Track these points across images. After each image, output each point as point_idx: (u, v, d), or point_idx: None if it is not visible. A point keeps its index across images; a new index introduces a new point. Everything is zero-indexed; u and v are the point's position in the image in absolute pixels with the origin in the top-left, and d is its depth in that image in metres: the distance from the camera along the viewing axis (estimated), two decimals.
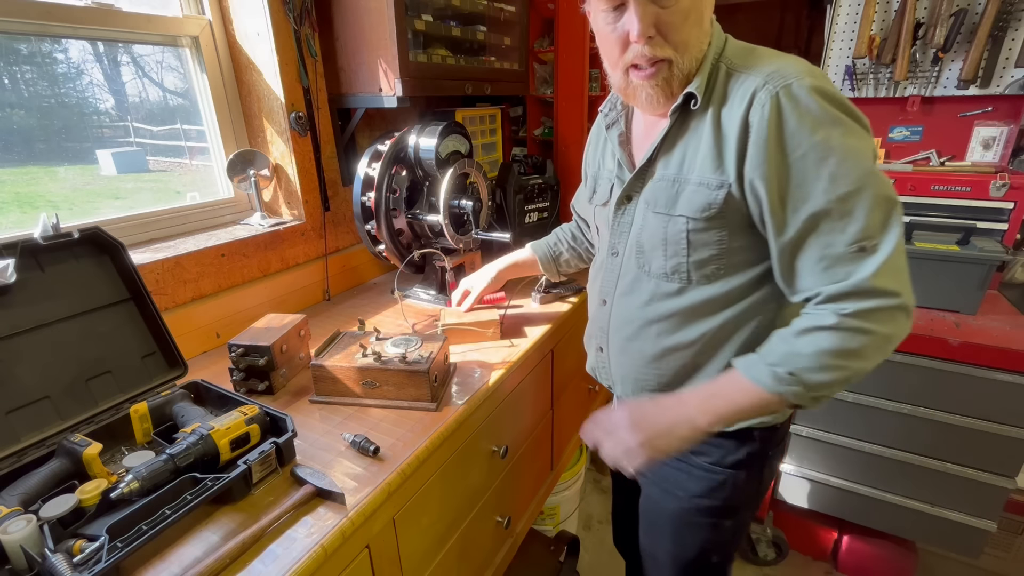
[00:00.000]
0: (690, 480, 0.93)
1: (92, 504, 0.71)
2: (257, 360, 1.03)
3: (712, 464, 0.90)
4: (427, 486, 0.93)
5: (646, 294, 0.86)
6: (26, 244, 0.85)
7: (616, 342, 0.93)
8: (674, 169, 0.79)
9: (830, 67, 1.73)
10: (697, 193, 0.76)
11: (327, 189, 1.52)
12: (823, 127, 0.67)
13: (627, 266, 0.89)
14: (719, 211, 0.75)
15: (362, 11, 1.32)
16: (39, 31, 1.08)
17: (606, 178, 0.94)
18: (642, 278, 0.86)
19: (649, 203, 0.83)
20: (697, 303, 0.82)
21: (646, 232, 0.83)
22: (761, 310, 0.81)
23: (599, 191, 0.96)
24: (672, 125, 0.79)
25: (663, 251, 0.81)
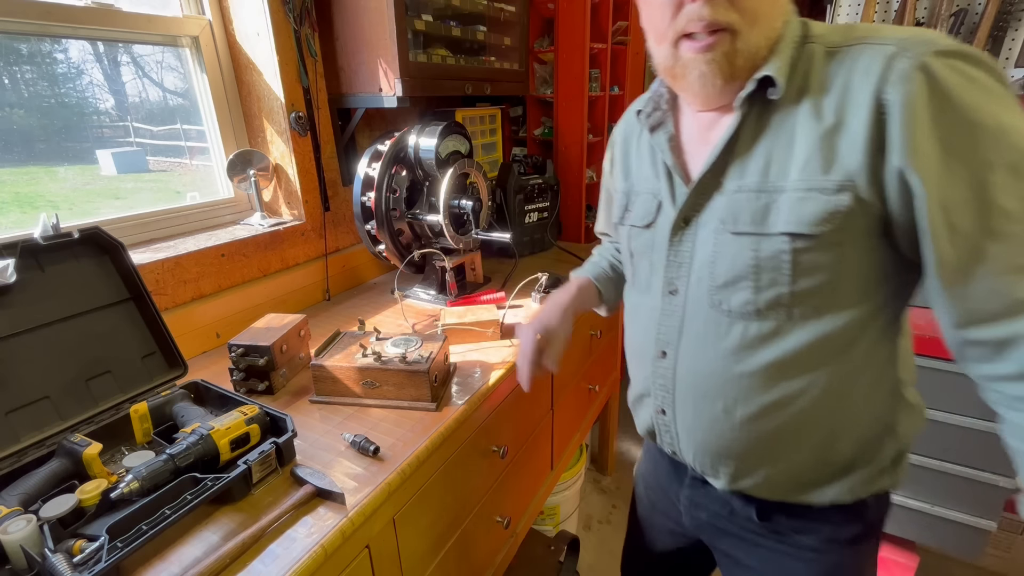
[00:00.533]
0: (797, 565, 0.76)
1: (92, 504, 0.71)
2: (257, 360, 1.03)
3: (820, 543, 0.74)
4: (427, 486, 0.93)
5: (729, 340, 0.67)
6: (26, 244, 0.85)
7: (688, 403, 0.73)
8: (755, 177, 0.62)
9: None
10: (806, 202, 0.58)
11: (327, 189, 1.52)
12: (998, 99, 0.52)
13: (694, 306, 0.69)
14: (842, 222, 0.58)
15: (362, 11, 1.32)
16: (39, 31, 1.08)
17: (647, 194, 0.76)
18: (720, 320, 0.67)
19: (725, 222, 0.65)
20: (801, 346, 0.63)
21: (723, 260, 0.65)
22: (876, 351, 0.65)
23: (636, 210, 0.78)
24: (743, 120, 0.63)
25: (752, 282, 0.63)
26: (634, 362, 0.83)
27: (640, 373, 0.81)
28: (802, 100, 0.60)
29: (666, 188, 0.73)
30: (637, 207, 0.78)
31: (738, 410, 0.68)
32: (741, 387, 0.67)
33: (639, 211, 0.77)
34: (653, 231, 0.74)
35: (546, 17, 2.09)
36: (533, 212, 1.88)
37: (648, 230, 0.75)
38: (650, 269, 0.76)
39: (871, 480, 0.70)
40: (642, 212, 0.77)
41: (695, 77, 0.62)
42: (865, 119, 0.55)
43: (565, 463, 1.71)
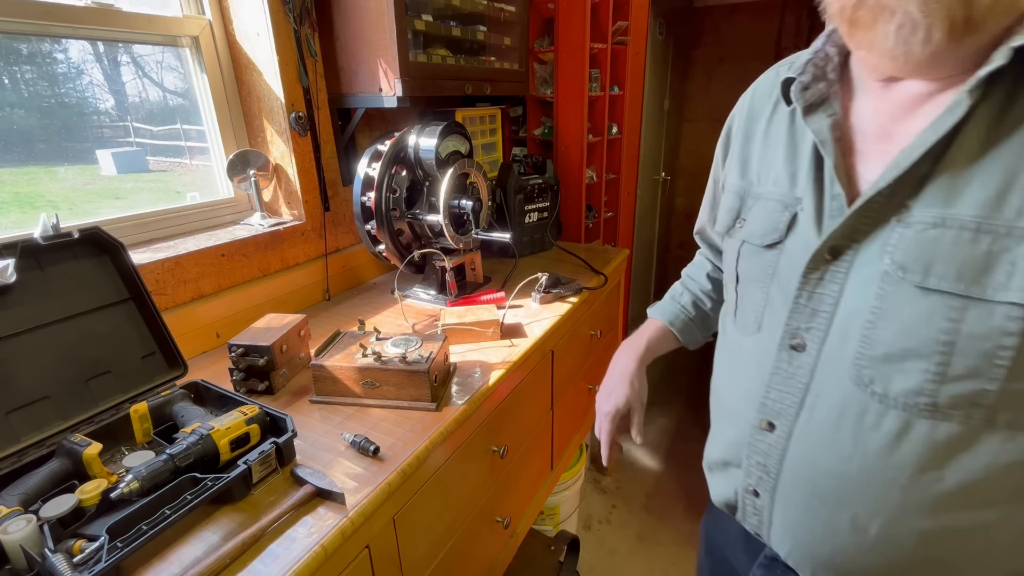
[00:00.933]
0: None
1: (92, 504, 0.71)
2: (257, 360, 1.03)
3: None
4: (427, 486, 0.93)
5: (878, 437, 0.48)
6: (26, 244, 0.85)
7: (796, 498, 0.55)
8: (977, 207, 0.41)
9: None
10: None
11: (327, 189, 1.52)
12: None
13: (829, 376, 0.51)
14: None
15: (362, 11, 1.32)
16: (39, 31, 1.08)
17: (775, 202, 0.56)
18: (870, 406, 0.48)
19: (907, 268, 0.44)
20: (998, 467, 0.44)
21: (890, 322, 0.46)
22: None
23: (754, 221, 0.58)
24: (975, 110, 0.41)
25: (937, 362, 0.44)
26: (722, 417, 0.66)
27: (728, 434, 0.63)
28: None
29: (811, 198, 0.52)
30: (756, 217, 0.58)
31: (874, 527, 0.50)
32: (886, 501, 0.48)
33: (759, 223, 0.57)
34: (778, 255, 0.54)
35: (546, 17, 2.10)
36: (533, 212, 1.88)
37: (770, 251, 0.55)
38: (764, 304, 0.57)
39: None
40: (764, 226, 0.56)
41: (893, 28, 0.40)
42: None
43: (565, 463, 1.71)
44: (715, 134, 0.69)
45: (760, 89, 0.64)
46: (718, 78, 3.21)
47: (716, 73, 3.22)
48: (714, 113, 3.23)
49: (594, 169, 2.33)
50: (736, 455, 0.62)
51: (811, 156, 0.53)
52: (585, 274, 1.66)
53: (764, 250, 0.57)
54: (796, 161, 0.55)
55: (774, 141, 0.58)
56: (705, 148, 3.31)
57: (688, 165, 3.45)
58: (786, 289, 0.53)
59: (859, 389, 0.48)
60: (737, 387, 0.62)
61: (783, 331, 0.54)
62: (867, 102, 0.51)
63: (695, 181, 3.48)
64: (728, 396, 0.65)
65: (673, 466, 2.45)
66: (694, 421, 2.77)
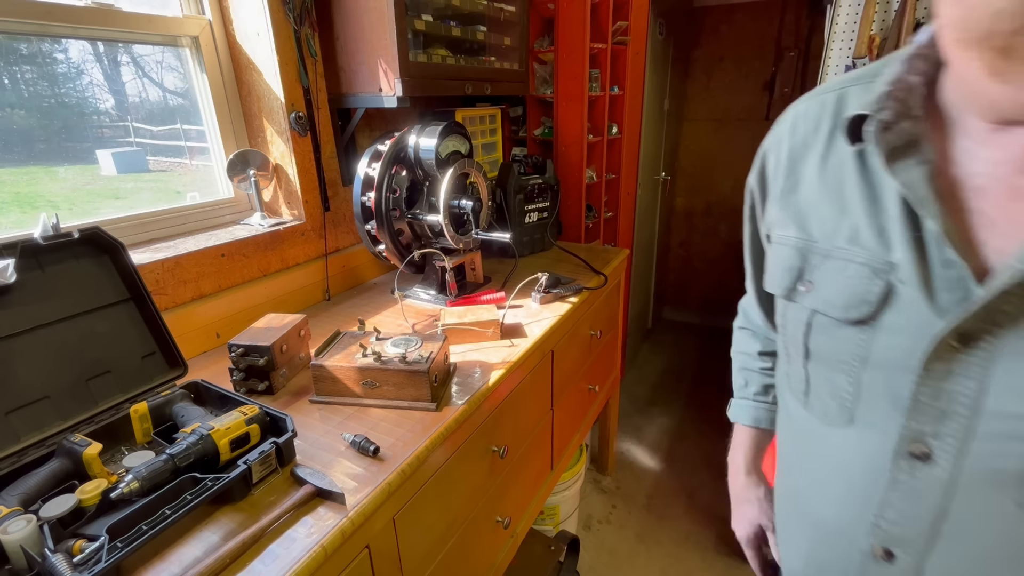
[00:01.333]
0: None
1: (92, 504, 0.71)
2: (257, 360, 1.03)
3: None
4: (427, 486, 0.93)
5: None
6: (26, 244, 0.85)
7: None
8: None
9: (830, 67, 1.72)
10: None
11: (327, 189, 1.52)
12: None
13: (973, 494, 0.40)
14: None
15: (362, 11, 1.32)
16: (39, 31, 1.08)
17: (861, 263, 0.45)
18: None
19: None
20: None
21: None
22: None
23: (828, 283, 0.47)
24: None
25: None
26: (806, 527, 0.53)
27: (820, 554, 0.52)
28: None
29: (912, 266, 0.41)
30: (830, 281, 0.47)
31: None
32: None
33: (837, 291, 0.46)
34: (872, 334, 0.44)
35: (546, 17, 2.10)
36: (533, 212, 1.88)
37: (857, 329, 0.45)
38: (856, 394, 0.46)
39: None
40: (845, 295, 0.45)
41: None
42: None
43: (565, 463, 1.71)
44: (715, 134, 0.61)
45: (804, 120, 0.51)
46: (718, 78, 3.22)
47: (716, 73, 3.22)
48: (714, 113, 3.23)
49: (594, 169, 2.33)
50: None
51: (901, 211, 0.42)
52: (585, 274, 1.66)
53: (848, 326, 0.45)
54: (881, 216, 0.43)
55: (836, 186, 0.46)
56: (705, 148, 3.31)
57: (688, 165, 3.45)
58: (892, 381, 0.43)
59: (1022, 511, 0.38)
60: (829, 496, 0.49)
61: (899, 435, 0.42)
62: (975, 148, 0.40)
63: (695, 181, 3.48)
64: (816, 505, 0.51)
65: (673, 466, 2.45)
66: (694, 421, 2.77)
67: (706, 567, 1.86)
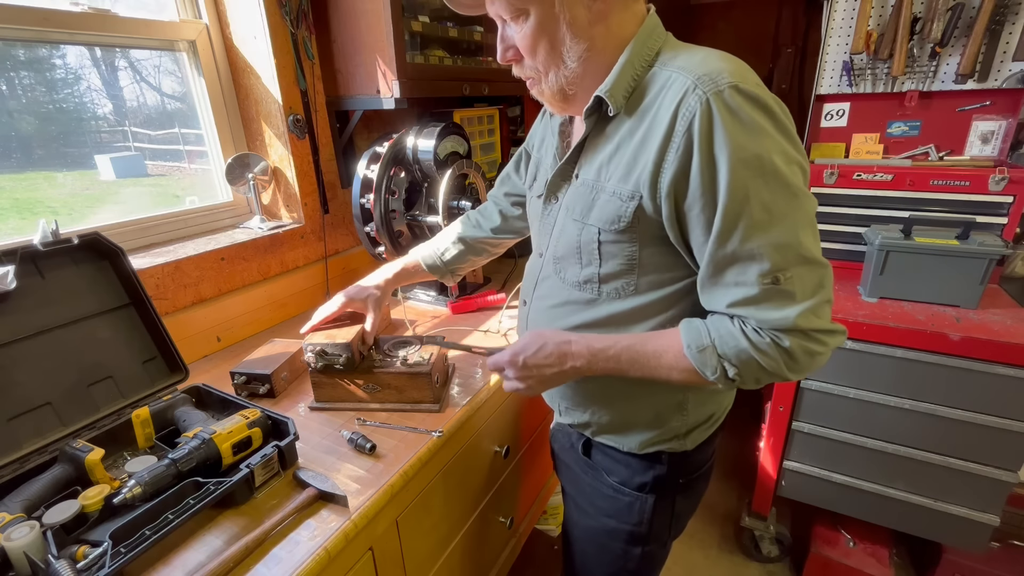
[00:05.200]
0: (601, 498, 0.90)
1: (95, 510, 0.71)
2: (258, 388, 1.04)
3: (619, 484, 0.86)
4: (430, 487, 0.93)
5: (559, 301, 0.81)
6: (26, 250, 0.85)
7: None
8: (593, 175, 0.73)
9: (827, 63, 1.72)
10: (609, 203, 0.70)
11: (326, 191, 1.52)
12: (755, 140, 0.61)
13: (546, 270, 0.83)
14: (629, 224, 0.69)
15: (359, 13, 1.32)
16: (36, 37, 1.08)
17: (544, 169, 0.86)
18: (557, 285, 0.81)
19: (569, 209, 0.77)
20: (607, 316, 0.76)
21: (563, 238, 0.78)
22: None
23: (538, 180, 0.88)
24: (592, 129, 0.74)
25: (577, 260, 0.76)
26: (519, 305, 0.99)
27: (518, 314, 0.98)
28: (631, 115, 0.69)
29: (552, 165, 0.83)
30: (539, 178, 0.88)
31: None
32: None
33: (538, 182, 0.87)
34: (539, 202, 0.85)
35: None
36: None
37: (537, 201, 0.86)
38: (533, 233, 0.90)
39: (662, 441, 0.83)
40: (539, 184, 0.86)
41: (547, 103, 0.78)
42: (659, 142, 0.64)
43: None
44: None
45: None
46: None
47: None
48: None
49: None
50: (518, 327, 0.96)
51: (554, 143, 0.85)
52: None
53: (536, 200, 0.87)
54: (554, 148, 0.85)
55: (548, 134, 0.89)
56: None
57: None
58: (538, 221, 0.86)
59: (556, 276, 0.81)
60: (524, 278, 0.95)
61: (535, 245, 0.88)
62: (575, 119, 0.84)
63: None
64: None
65: None
66: None
67: (710, 564, 1.86)
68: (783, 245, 0.62)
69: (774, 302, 0.63)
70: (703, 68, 0.63)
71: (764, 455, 1.69)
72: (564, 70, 0.71)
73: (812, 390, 1.52)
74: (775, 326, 0.64)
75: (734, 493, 2.16)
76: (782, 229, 0.62)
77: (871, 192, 1.63)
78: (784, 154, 0.62)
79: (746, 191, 0.61)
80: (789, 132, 0.64)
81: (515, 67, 0.76)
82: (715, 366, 0.67)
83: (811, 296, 0.64)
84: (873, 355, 1.42)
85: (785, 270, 0.62)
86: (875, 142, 1.75)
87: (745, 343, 0.65)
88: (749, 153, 0.60)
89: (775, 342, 0.64)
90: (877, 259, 1.48)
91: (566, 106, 0.76)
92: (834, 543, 1.69)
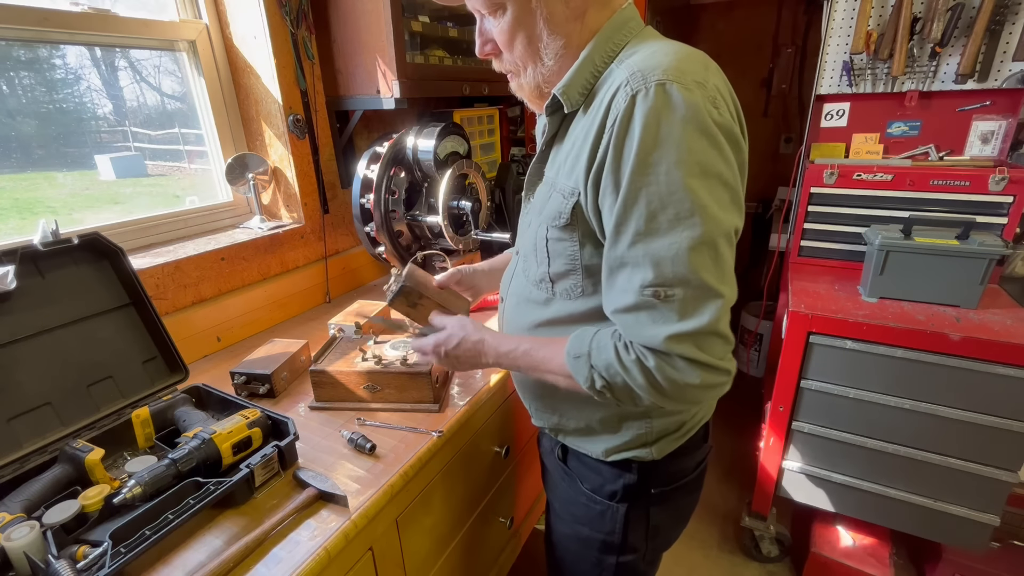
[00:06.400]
0: (575, 505, 0.89)
1: (95, 510, 0.71)
2: (258, 388, 1.04)
3: (591, 491, 0.85)
4: (430, 487, 0.93)
5: (523, 299, 0.82)
6: (26, 250, 0.85)
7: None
8: (552, 173, 0.73)
9: (827, 63, 1.72)
10: (553, 201, 0.70)
11: (326, 191, 1.52)
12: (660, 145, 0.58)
13: (518, 267, 0.84)
14: (568, 221, 0.68)
15: (359, 13, 1.32)
16: (36, 37, 1.08)
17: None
18: (522, 282, 0.82)
19: (535, 206, 0.77)
20: (559, 317, 0.76)
21: (527, 235, 0.78)
22: None
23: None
24: (557, 127, 0.74)
25: (535, 258, 0.76)
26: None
27: None
28: (585, 113, 0.68)
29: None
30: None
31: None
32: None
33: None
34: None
35: None
36: None
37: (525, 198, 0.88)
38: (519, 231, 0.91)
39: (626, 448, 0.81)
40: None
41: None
42: (594, 138, 0.63)
43: None
44: None
45: None
46: None
47: None
48: None
49: None
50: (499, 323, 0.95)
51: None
52: None
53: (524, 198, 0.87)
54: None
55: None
56: None
57: None
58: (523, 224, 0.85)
59: (523, 274, 0.81)
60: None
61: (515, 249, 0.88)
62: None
63: None
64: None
65: None
66: None
67: (709, 563, 1.86)
68: (665, 259, 0.59)
69: (649, 316, 0.61)
70: (643, 64, 0.61)
71: (764, 455, 1.69)
72: (541, 67, 0.70)
73: (812, 390, 1.52)
74: (644, 342, 0.61)
75: (734, 493, 2.16)
76: (668, 243, 0.59)
77: (871, 192, 1.63)
78: (693, 164, 0.58)
79: (636, 195, 0.59)
80: (714, 139, 0.59)
81: (495, 61, 0.75)
82: (587, 376, 0.66)
83: (690, 320, 0.59)
84: (873, 355, 1.42)
85: (668, 287, 0.59)
86: (875, 142, 1.75)
87: (613, 356, 0.63)
88: (649, 157, 0.58)
89: (640, 360, 0.62)
90: (877, 259, 1.48)
91: (543, 103, 0.75)
92: (834, 543, 1.68)
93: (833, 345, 1.44)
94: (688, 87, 0.58)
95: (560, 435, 0.87)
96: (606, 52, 0.68)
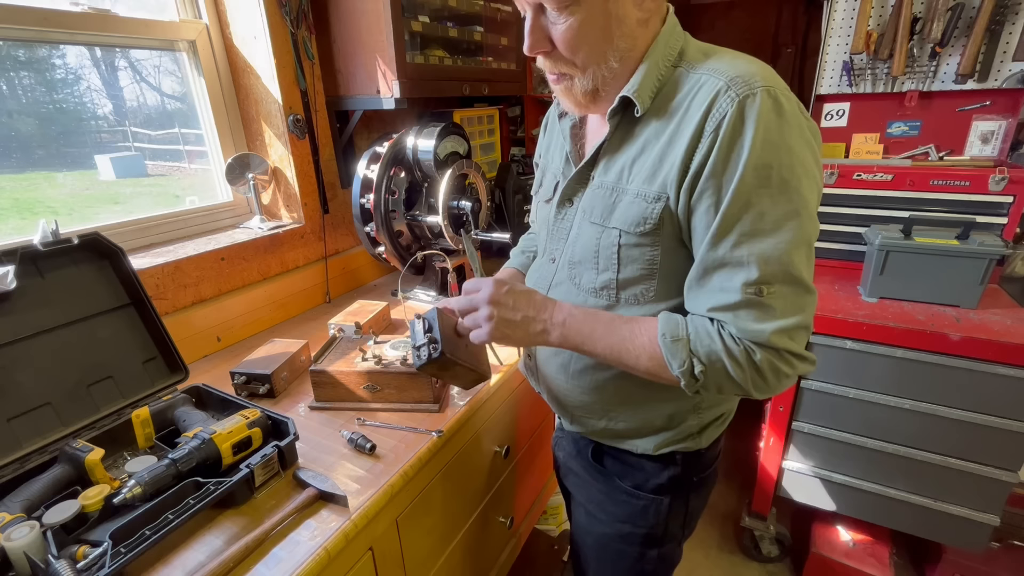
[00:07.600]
0: (614, 504, 0.88)
1: (95, 510, 0.71)
2: (258, 388, 1.04)
3: (634, 488, 0.85)
4: (430, 487, 0.93)
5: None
6: (26, 250, 0.85)
7: (543, 352, 0.87)
8: (614, 177, 0.72)
9: (827, 63, 1.72)
10: (633, 205, 0.69)
11: (326, 191, 1.52)
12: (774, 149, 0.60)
13: (560, 275, 0.82)
14: (654, 227, 0.68)
15: (359, 13, 1.32)
16: (36, 37, 1.08)
17: (552, 173, 0.86)
18: (571, 291, 0.80)
19: (586, 212, 0.75)
20: None
21: (580, 242, 0.76)
22: None
23: (545, 185, 0.88)
24: (615, 130, 0.72)
25: (594, 265, 0.75)
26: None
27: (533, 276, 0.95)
28: (658, 116, 0.68)
29: (563, 169, 0.82)
30: (546, 183, 0.88)
31: (572, 365, 0.82)
32: None
33: (546, 187, 0.87)
34: (550, 206, 0.84)
35: None
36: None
37: (547, 205, 0.86)
38: (542, 238, 0.89)
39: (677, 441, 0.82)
40: (547, 188, 0.87)
41: (563, 101, 0.77)
42: (687, 143, 0.63)
43: None
44: None
45: (553, 104, 0.90)
46: None
47: None
48: None
49: None
50: None
51: (564, 145, 0.82)
52: None
53: (545, 204, 0.86)
54: (563, 150, 0.83)
55: (557, 137, 0.87)
56: None
57: None
58: (549, 226, 0.84)
59: (570, 282, 0.80)
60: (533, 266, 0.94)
61: (546, 251, 0.86)
62: (594, 117, 0.80)
63: None
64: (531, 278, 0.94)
65: None
66: None
67: (710, 563, 1.86)
68: (772, 258, 0.61)
69: (753, 313, 0.63)
70: (735, 71, 0.63)
71: (764, 455, 1.69)
72: (604, 69, 0.68)
73: (812, 390, 1.52)
74: (751, 337, 0.63)
75: (734, 493, 2.16)
76: (775, 242, 0.61)
77: (871, 192, 1.63)
78: (799, 168, 0.61)
79: (748, 197, 0.61)
80: (811, 146, 0.63)
81: (545, 60, 0.70)
82: (684, 359, 0.66)
83: (790, 316, 0.63)
84: (873, 355, 1.42)
85: (770, 284, 0.62)
86: (875, 142, 1.75)
87: (719, 346, 0.64)
88: (763, 160, 0.60)
89: (748, 353, 0.64)
90: (877, 259, 1.48)
91: (592, 106, 0.73)
92: (834, 543, 1.69)
93: (833, 345, 1.44)
94: (786, 95, 0.62)
95: (601, 437, 0.86)
96: (667, 56, 0.69)
